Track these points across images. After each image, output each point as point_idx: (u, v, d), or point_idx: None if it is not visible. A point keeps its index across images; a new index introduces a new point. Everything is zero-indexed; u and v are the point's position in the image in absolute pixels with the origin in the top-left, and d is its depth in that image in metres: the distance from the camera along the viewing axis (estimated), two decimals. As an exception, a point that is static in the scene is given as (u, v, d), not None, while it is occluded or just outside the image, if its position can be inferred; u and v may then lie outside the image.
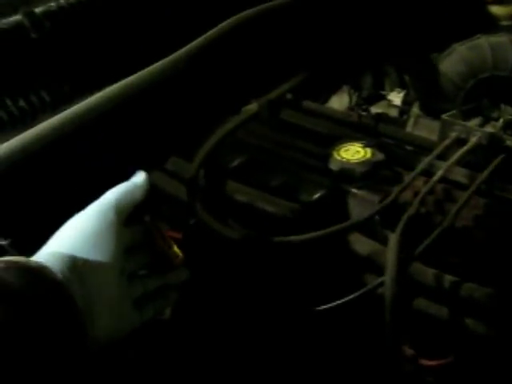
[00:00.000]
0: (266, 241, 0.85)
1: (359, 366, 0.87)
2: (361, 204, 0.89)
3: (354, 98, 1.33)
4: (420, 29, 1.34)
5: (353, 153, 0.94)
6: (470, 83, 1.15)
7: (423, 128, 1.16)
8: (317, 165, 0.97)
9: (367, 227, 0.89)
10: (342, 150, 0.95)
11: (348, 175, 0.92)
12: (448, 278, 0.81)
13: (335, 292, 0.84)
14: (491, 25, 1.40)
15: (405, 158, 1.01)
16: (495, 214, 0.86)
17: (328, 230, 0.84)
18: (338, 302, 0.80)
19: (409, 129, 1.17)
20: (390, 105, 1.30)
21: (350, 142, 0.98)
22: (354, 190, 0.90)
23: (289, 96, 1.27)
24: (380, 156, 0.93)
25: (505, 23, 1.39)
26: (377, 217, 0.87)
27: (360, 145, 0.96)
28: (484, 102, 1.23)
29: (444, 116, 1.06)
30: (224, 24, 1.09)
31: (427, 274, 0.82)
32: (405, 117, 1.22)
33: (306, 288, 0.88)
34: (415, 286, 0.83)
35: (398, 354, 0.84)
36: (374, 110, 1.32)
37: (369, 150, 0.94)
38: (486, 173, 0.91)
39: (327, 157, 0.95)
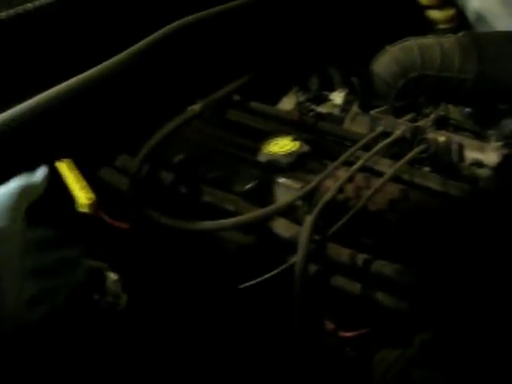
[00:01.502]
0: (197, 226, 0.92)
1: (281, 342, 0.94)
2: (286, 192, 0.97)
3: (301, 99, 1.40)
4: (360, 33, 1.43)
5: (281, 146, 1.02)
6: (400, 82, 1.23)
7: (360, 124, 1.24)
8: (251, 158, 1.05)
9: (291, 213, 0.96)
10: (272, 143, 1.03)
11: (275, 166, 1.00)
12: (361, 257, 0.88)
13: (260, 273, 0.92)
14: (430, 28, 1.49)
15: (333, 150, 1.08)
16: (408, 199, 0.94)
17: (253, 214, 0.92)
18: (256, 280, 0.87)
19: (346, 125, 1.25)
20: (334, 104, 1.38)
21: (281, 136, 1.06)
22: (280, 180, 0.98)
23: (237, 97, 1.34)
24: (306, 148, 1.01)
25: (443, 26, 1.48)
26: (300, 203, 0.94)
27: (290, 138, 1.03)
28: (420, 99, 1.32)
29: (373, 112, 1.14)
30: (171, 25, 1.17)
31: (342, 253, 0.89)
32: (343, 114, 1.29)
33: (232, 269, 0.95)
34: (331, 264, 0.90)
35: (320, 327, 0.91)
36: (320, 109, 1.39)
37: (297, 143, 1.02)
38: (401, 161, 0.99)
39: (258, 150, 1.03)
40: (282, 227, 0.93)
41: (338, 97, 1.35)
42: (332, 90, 1.42)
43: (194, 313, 1.05)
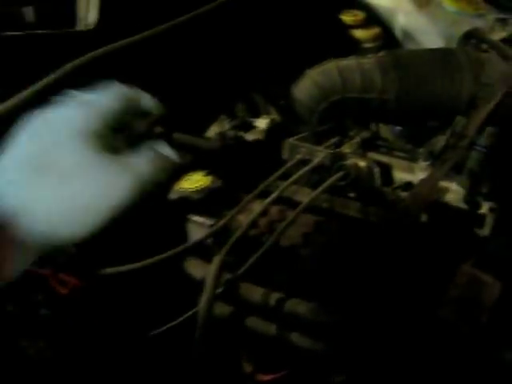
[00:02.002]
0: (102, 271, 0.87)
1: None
2: (197, 229, 0.92)
3: (227, 126, 1.37)
4: (285, 55, 1.40)
5: (192, 182, 0.98)
6: (322, 106, 1.20)
7: (283, 151, 1.20)
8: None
9: (206, 251, 0.92)
10: (184, 180, 0.99)
11: (186, 203, 0.95)
12: (274, 295, 0.84)
13: (175, 315, 0.87)
14: (355, 48, 1.46)
15: (252, 181, 1.04)
16: (322, 230, 0.90)
17: (162, 255, 0.87)
18: (168, 325, 0.82)
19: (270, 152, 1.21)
20: (260, 131, 1.34)
21: (195, 171, 1.02)
22: (191, 216, 0.94)
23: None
24: (218, 183, 0.97)
25: (367, 45, 1.46)
26: (210, 241, 0.90)
27: (202, 174, 0.99)
28: (347, 122, 1.29)
29: (290, 139, 1.11)
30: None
31: (254, 292, 0.85)
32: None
33: (146, 312, 0.91)
34: (244, 304, 0.85)
35: (238, 369, 0.87)
36: (248, 136, 1.35)
37: (209, 178, 0.98)
38: (317, 191, 0.95)
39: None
40: (193, 267, 0.89)
41: (262, 123, 1.31)
42: (258, 115, 1.39)
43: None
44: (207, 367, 0.80)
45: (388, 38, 1.53)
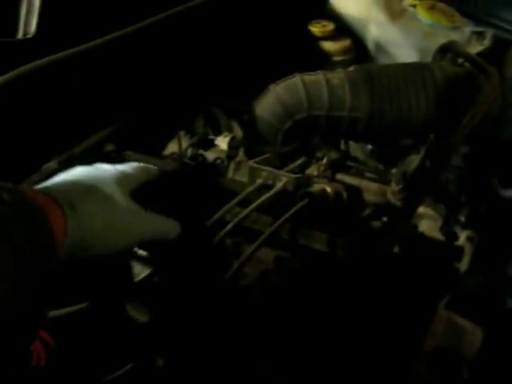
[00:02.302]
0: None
1: None
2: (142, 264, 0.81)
3: (186, 144, 1.26)
4: (246, 69, 1.30)
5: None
6: (287, 124, 1.10)
7: (244, 174, 1.10)
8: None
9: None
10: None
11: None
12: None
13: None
14: (324, 60, 1.37)
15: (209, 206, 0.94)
16: (285, 268, 0.80)
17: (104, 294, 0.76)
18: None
19: (230, 174, 1.11)
20: (221, 150, 1.24)
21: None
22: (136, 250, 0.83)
23: (110, 147, 1.19)
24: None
25: (337, 58, 1.36)
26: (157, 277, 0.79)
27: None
28: (314, 140, 1.19)
29: (251, 162, 1.00)
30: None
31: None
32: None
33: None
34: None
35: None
36: (208, 154, 1.25)
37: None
38: (279, 221, 0.85)
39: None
40: (136, 310, 0.77)
41: (223, 141, 1.20)
42: (219, 132, 1.28)
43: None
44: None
45: (359, 50, 1.44)
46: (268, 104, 1.12)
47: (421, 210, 1.06)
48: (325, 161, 1.11)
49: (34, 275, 0.56)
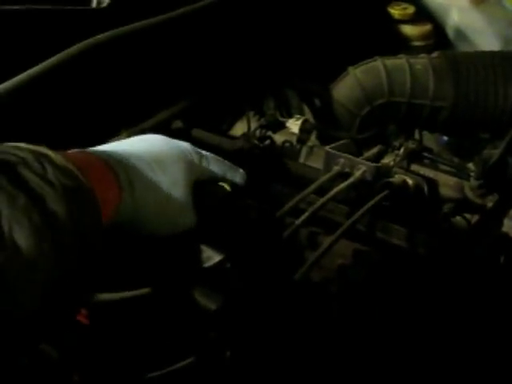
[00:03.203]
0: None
1: None
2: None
3: (254, 125, 1.21)
4: (324, 49, 1.24)
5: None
6: (365, 110, 1.04)
7: (317, 159, 1.05)
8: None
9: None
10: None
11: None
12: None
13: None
14: (403, 46, 1.30)
15: (279, 193, 0.89)
16: (362, 262, 0.74)
17: (166, 281, 0.72)
18: (168, 369, 0.67)
19: (302, 159, 1.06)
20: (291, 132, 1.18)
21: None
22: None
23: (177, 124, 1.15)
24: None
25: (417, 43, 1.29)
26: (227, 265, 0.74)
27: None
28: (390, 128, 1.13)
29: (328, 147, 0.95)
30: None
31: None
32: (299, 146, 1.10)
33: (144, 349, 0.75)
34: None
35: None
36: (277, 137, 1.20)
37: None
38: (359, 212, 0.79)
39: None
40: (203, 297, 0.73)
41: (294, 124, 1.15)
42: (290, 115, 1.23)
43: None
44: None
45: (439, 36, 1.37)
46: (346, 87, 1.06)
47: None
48: (402, 150, 1.05)
49: (75, 251, 0.51)
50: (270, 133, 1.20)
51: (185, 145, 0.72)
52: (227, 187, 0.75)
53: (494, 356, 0.68)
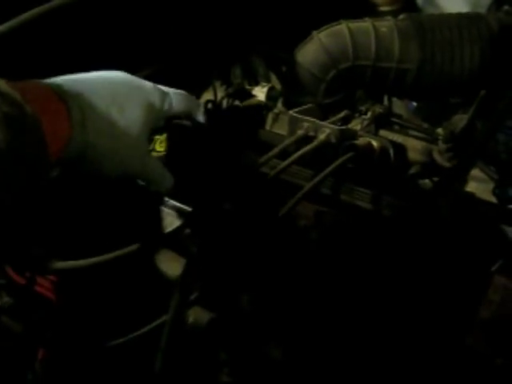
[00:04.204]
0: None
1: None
2: (173, 215, 0.76)
3: (221, 93, 1.19)
4: (289, 15, 1.22)
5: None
6: (330, 74, 1.02)
7: (283, 125, 1.03)
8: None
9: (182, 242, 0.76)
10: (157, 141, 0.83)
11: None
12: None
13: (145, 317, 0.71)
14: (370, 10, 1.28)
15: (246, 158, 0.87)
16: (326, 223, 0.73)
17: (128, 248, 0.71)
18: (132, 334, 0.66)
19: (268, 126, 1.04)
20: (258, 100, 1.17)
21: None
22: (166, 201, 0.77)
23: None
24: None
25: (384, 9, 1.28)
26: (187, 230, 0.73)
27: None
28: (358, 93, 1.12)
29: (292, 112, 0.94)
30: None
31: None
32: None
33: (111, 313, 0.74)
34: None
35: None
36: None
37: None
38: (322, 174, 0.78)
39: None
40: (165, 262, 0.72)
41: (261, 92, 1.13)
42: (257, 83, 1.21)
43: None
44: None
45: (407, 1, 1.35)
46: (311, 52, 1.04)
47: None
48: (369, 115, 1.04)
49: (14, 179, 0.50)
50: (237, 102, 1.18)
51: (148, 85, 0.70)
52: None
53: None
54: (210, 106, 1.12)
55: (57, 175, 0.63)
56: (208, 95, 1.26)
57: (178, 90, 0.75)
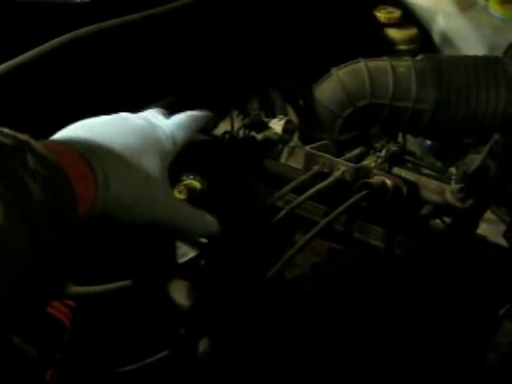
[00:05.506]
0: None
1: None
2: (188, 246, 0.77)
3: (238, 124, 1.21)
4: (308, 50, 1.24)
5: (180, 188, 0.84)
6: (347, 111, 1.04)
7: (298, 159, 1.05)
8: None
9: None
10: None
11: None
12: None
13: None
14: (388, 49, 1.30)
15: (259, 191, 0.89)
16: (338, 262, 0.74)
17: (141, 277, 0.72)
18: (141, 363, 0.67)
19: (283, 159, 1.06)
20: (274, 133, 1.18)
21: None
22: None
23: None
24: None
25: (402, 47, 1.30)
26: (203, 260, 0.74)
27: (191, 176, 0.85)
28: (373, 130, 1.13)
29: (308, 147, 0.95)
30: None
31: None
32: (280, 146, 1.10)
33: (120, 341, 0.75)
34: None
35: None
36: (260, 137, 1.20)
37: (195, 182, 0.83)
38: (336, 211, 0.79)
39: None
40: (177, 292, 0.73)
41: (277, 124, 1.15)
42: (274, 115, 1.23)
43: None
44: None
45: (425, 41, 1.37)
46: (329, 88, 1.06)
47: (483, 213, 1.00)
48: (383, 153, 1.05)
49: (49, 240, 0.51)
50: (253, 133, 1.20)
51: (157, 130, 0.71)
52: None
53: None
54: (227, 136, 1.14)
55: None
56: (225, 125, 1.28)
57: (175, 119, 0.75)
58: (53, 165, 0.52)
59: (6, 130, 0.50)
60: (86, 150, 0.61)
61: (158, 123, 0.72)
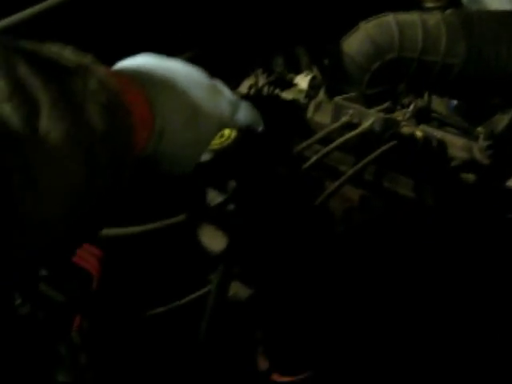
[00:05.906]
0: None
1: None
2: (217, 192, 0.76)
3: (263, 82, 1.20)
4: (334, 6, 1.22)
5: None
6: (375, 65, 1.03)
7: (325, 113, 1.04)
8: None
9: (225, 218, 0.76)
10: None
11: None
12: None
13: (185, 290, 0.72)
14: (415, 6, 1.28)
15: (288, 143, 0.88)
16: (368, 208, 0.74)
17: (172, 219, 0.72)
18: (173, 304, 0.67)
19: (310, 114, 1.05)
20: (300, 90, 1.17)
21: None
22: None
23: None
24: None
25: (430, 5, 1.27)
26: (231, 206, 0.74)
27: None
28: (399, 87, 1.12)
29: (337, 98, 0.94)
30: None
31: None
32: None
33: (151, 285, 0.75)
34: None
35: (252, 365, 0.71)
36: (284, 95, 1.19)
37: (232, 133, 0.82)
38: (365, 160, 0.79)
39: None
40: (208, 236, 0.72)
41: (303, 81, 1.14)
42: (299, 72, 1.21)
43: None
44: (213, 357, 0.65)
45: (452, -1, 1.34)
46: (357, 42, 1.04)
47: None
48: (411, 108, 1.04)
49: (106, 169, 0.50)
50: (277, 90, 1.19)
51: (226, 92, 0.70)
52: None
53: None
54: (252, 91, 1.13)
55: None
56: (249, 83, 1.27)
57: (246, 102, 0.74)
58: (112, 89, 0.51)
59: (67, 51, 0.50)
60: (151, 93, 0.59)
61: (226, 93, 0.70)
